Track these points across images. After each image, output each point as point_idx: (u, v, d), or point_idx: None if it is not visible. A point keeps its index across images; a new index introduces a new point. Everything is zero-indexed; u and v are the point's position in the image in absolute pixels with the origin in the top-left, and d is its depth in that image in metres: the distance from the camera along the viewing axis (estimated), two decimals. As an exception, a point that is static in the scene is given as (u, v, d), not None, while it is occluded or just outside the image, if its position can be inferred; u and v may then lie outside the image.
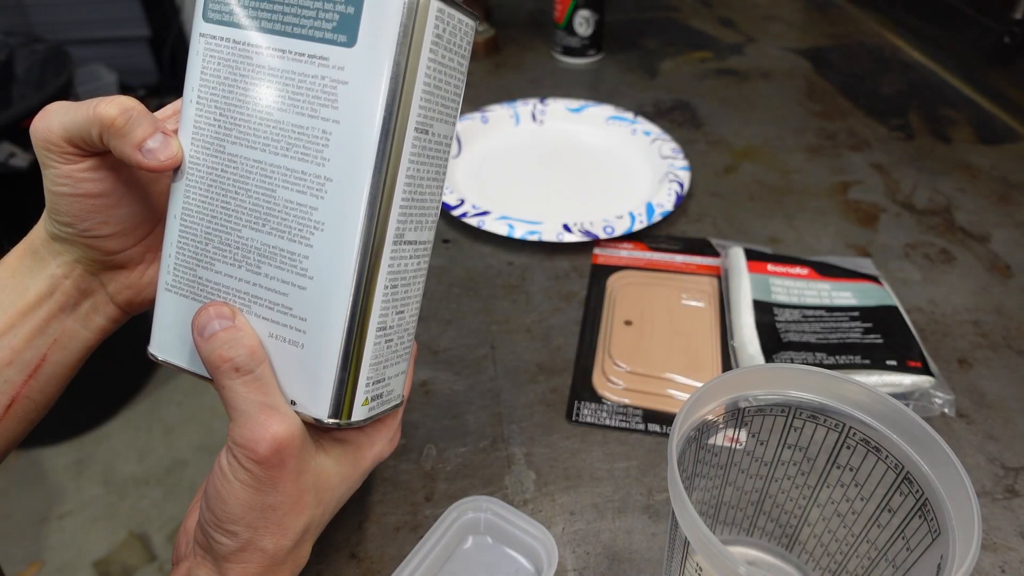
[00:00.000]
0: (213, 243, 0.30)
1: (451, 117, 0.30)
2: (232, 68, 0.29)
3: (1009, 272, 0.58)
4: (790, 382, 0.31)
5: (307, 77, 0.28)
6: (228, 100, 0.29)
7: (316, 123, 0.28)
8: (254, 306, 0.29)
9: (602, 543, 0.39)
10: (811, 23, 1.05)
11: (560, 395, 0.47)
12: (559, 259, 0.59)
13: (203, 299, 0.30)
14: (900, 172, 0.70)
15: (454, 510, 0.38)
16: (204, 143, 0.30)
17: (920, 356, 0.45)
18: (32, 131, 0.30)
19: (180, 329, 0.31)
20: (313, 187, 0.28)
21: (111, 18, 1.81)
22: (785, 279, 0.53)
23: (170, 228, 0.31)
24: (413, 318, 0.32)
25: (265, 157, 0.29)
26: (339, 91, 0.27)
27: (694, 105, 0.83)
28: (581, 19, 0.89)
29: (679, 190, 0.64)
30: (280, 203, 0.29)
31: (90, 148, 0.30)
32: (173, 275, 0.31)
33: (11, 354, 0.33)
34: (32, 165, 1.09)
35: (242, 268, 0.30)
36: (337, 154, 0.28)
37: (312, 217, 0.28)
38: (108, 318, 0.36)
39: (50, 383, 0.35)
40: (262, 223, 0.29)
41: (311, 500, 0.30)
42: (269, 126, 0.29)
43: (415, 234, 0.30)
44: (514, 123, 0.77)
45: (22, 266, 0.33)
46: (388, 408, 0.32)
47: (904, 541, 0.29)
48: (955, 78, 0.87)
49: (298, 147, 0.28)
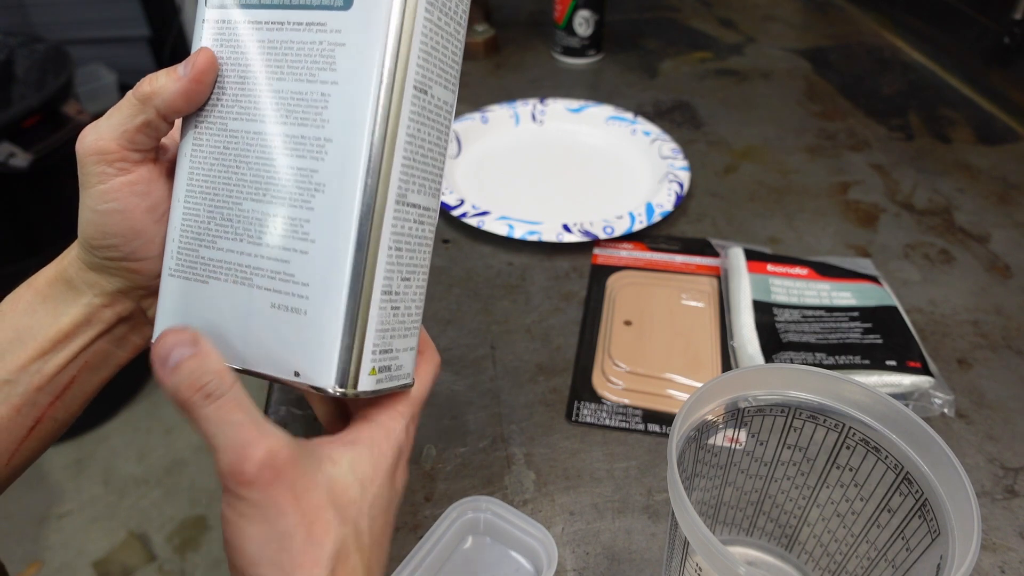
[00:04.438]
0: (215, 220, 0.30)
1: (450, 83, 0.30)
2: (232, 48, 0.30)
3: (1009, 272, 0.58)
4: (790, 382, 0.31)
5: (305, 44, 0.28)
6: (230, 79, 0.30)
7: (315, 87, 0.28)
8: (256, 278, 0.29)
9: (602, 543, 0.39)
10: (811, 23, 1.05)
11: (560, 395, 0.47)
12: (559, 259, 0.59)
13: (205, 279, 0.30)
14: (900, 172, 0.70)
15: (454, 510, 0.38)
16: (207, 124, 0.30)
17: (920, 356, 0.45)
18: (82, 147, 0.30)
19: (186, 312, 0.31)
20: (313, 150, 0.28)
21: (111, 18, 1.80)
22: (785, 279, 0.53)
23: (174, 213, 0.31)
24: (420, 290, 0.31)
25: (265, 127, 0.29)
26: (336, 53, 0.28)
27: (694, 105, 0.83)
28: (581, 19, 0.89)
29: (679, 190, 0.64)
30: (281, 170, 0.29)
31: (151, 138, 0.30)
32: (176, 259, 0.31)
33: (42, 380, 0.32)
34: (32, 165, 1.09)
35: (243, 241, 0.30)
36: (336, 114, 0.28)
37: (312, 180, 0.28)
38: (145, 337, 0.35)
39: (75, 402, 0.34)
40: (263, 193, 0.29)
41: (332, 518, 0.27)
42: (268, 96, 0.29)
43: (418, 197, 0.30)
44: (514, 123, 0.77)
45: (54, 292, 0.33)
46: (397, 385, 0.31)
47: (904, 541, 0.29)
48: (955, 78, 0.87)
49: (297, 113, 0.28)
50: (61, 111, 1.17)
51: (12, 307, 0.32)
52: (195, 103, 0.30)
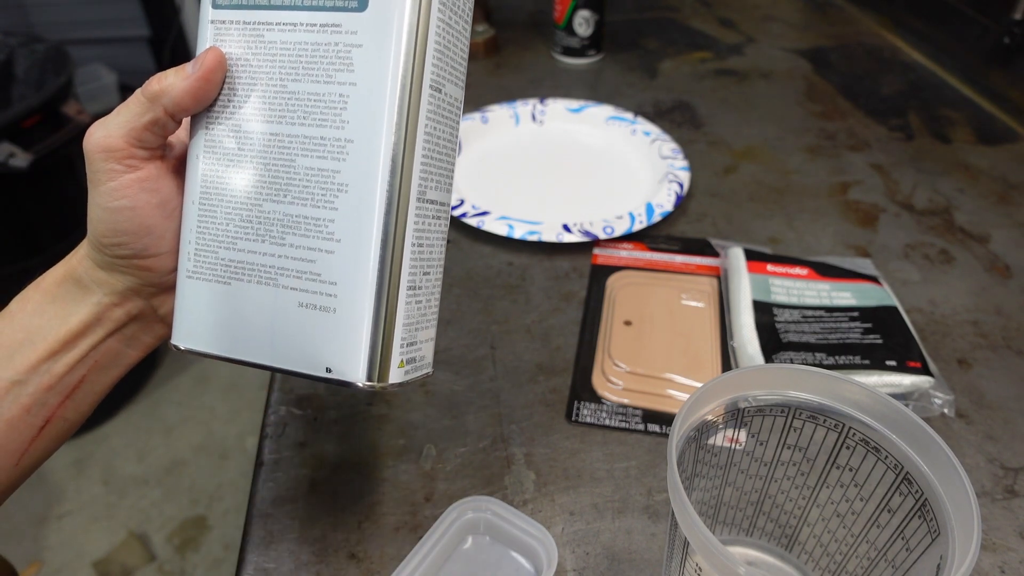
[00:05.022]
0: (234, 222, 0.30)
1: (460, 79, 0.31)
2: (244, 48, 0.30)
3: (1008, 272, 0.58)
4: (790, 382, 0.31)
5: (320, 46, 0.29)
6: (242, 80, 0.30)
7: (333, 88, 0.29)
8: (280, 278, 0.30)
9: (602, 543, 0.39)
10: (811, 23, 1.05)
11: (560, 395, 0.47)
12: (559, 259, 0.59)
13: (227, 280, 0.31)
14: (900, 172, 0.70)
15: (454, 510, 0.38)
16: (220, 125, 0.31)
17: (919, 356, 0.46)
18: (90, 144, 0.30)
19: (206, 314, 0.31)
20: (334, 151, 0.29)
21: (111, 18, 1.80)
22: (785, 279, 0.53)
23: (188, 214, 0.31)
24: (438, 282, 0.32)
25: (283, 129, 0.29)
26: (354, 54, 0.28)
27: (694, 105, 0.83)
28: (581, 19, 0.89)
29: (679, 190, 0.64)
30: (301, 171, 0.29)
31: (158, 136, 0.30)
32: (194, 261, 0.31)
33: (52, 379, 0.32)
34: (32, 165, 1.09)
35: (266, 242, 0.30)
36: (356, 115, 0.28)
37: (335, 180, 0.29)
38: (156, 336, 0.35)
39: (85, 401, 0.34)
40: (283, 194, 0.29)
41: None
42: (285, 98, 0.29)
43: (436, 193, 0.30)
44: (514, 123, 0.77)
45: (63, 292, 0.33)
46: (420, 375, 0.32)
47: (904, 541, 0.29)
48: (955, 78, 0.87)
49: (315, 114, 0.29)
50: (61, 111, 1.17)
51: (21, 307, 0.32)
52: (203, 102, 0.30)
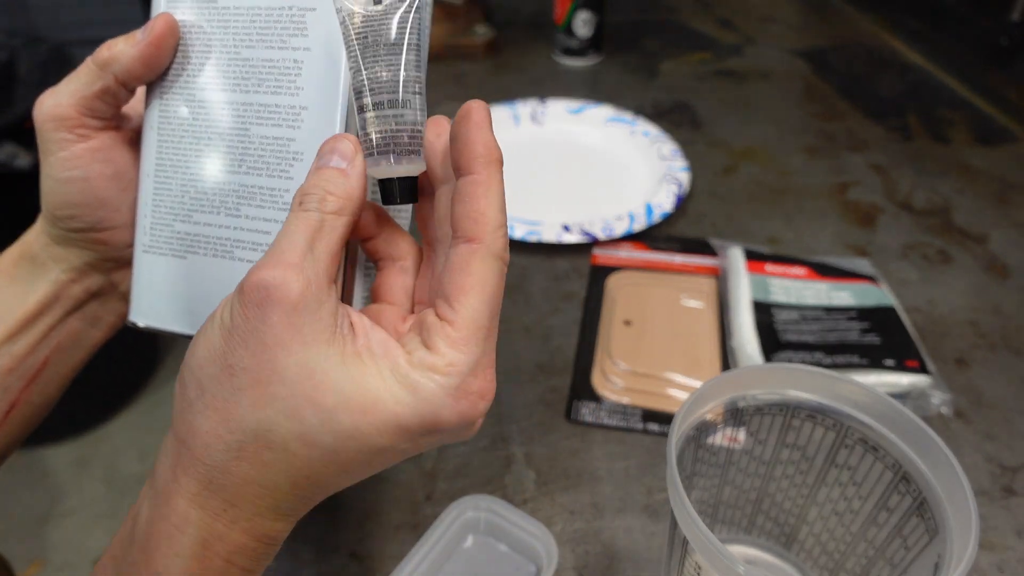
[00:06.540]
0: (189, 194, 0.30)
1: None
2: (197, 14, 0.29)
3: (1007, 272, 0.58)
4: (788, 382, 0.31)
5: (274, 10, 0.28)
6: (195, 48, 0.29)
7: (286, 53, 0.28)
8: (236, 250, 0.29)
9: (601, 542, 0.39)
10: (810, 24, 1.05)
11: (560, 395, 0.48)
12: (558, 259, 0.59)
13: (183, 254, 0.30)
14: (898, 173, 0.70)
15: (454, 509, 0.38)
16: (173, 94, 0.30)
17: (918, 356, 0.46)
18: (39, 111, 0.29)
19: (163, 289, 0.30)
20: (288, 118, 0.28)
21: (112, 19, 1.81)
22: (784, 279, 0.53)
23: (144, 187, 0.31)
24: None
25: (237, 97, 0.29)
26: (307, 18, 0.27)
27: (693, 106, 0.83)
28: (581, 20, 0.89)
29: (678, 191, 0.64)
30: (256, 140, 0.28)
31: (110, 105, 0.29)
32: (150, 235, 0.31)
33: (12, 361, 0.32)
34: (34, 166, 1.09)
35: (221, 214, 0.29)
36: (310, 81, 0.27)
37: (289, 149, 0.28)
38: (119, 315, 0.35)
39: (51, 385, 0.34)
40: (238, 164, 0.29)
41: (281, 395, 0.21)
42: (239, 65, 0.28)
43: None
44: (514, 124, 0.77)
45: (19, 272, 0.32)
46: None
47: (902, 540, 0.29)
48: (953, 79, 0.87)
49: (269, 81, 0.28)
50: (62, 112, 1.17)
51: None
52: (155, 69, 0.29)
